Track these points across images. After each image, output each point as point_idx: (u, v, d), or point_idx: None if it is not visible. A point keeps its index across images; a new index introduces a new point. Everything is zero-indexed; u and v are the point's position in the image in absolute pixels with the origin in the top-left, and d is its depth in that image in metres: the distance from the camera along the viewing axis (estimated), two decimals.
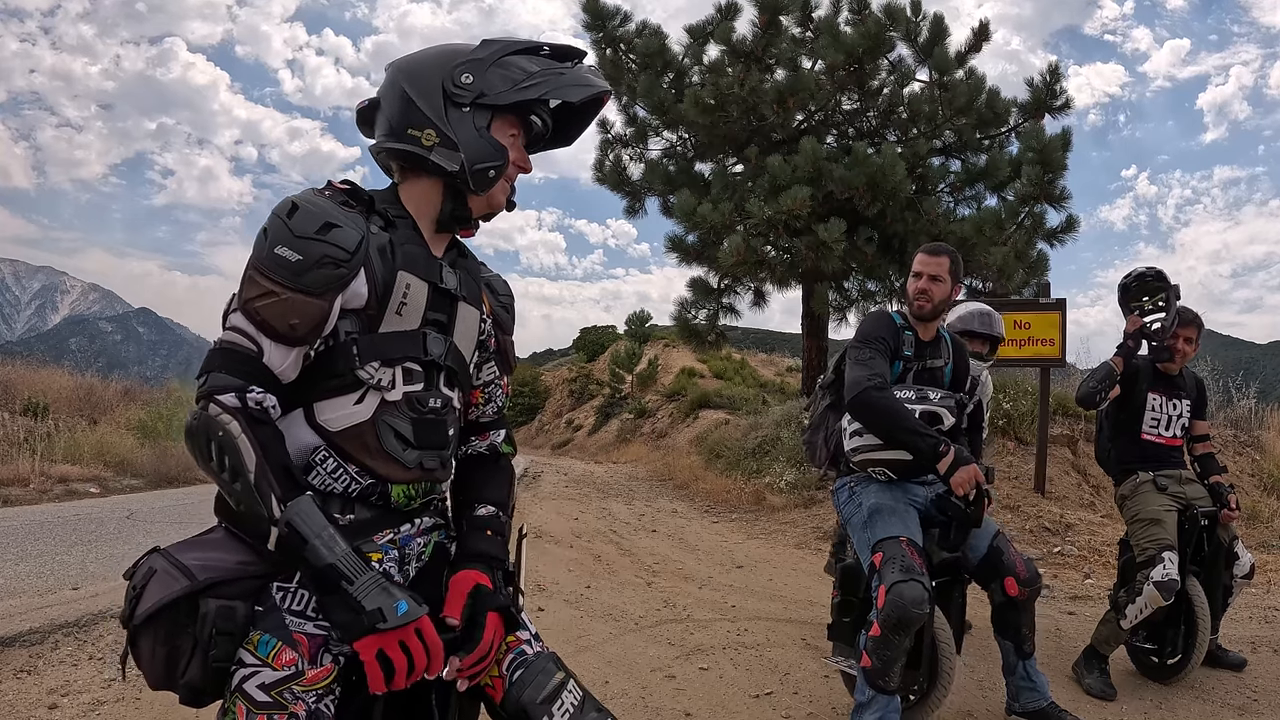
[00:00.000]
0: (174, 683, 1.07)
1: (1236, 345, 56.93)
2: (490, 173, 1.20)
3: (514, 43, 1.23)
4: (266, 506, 1.02)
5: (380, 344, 1.15)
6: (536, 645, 1.27)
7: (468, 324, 1.28)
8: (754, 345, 33.35)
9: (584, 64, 1.26)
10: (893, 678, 2.29)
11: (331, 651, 1.09)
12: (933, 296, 2.58)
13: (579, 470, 12.97)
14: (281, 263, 1.07)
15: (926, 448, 2.32)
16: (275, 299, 1.06)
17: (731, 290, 11.46)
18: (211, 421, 1.04)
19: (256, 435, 1.03)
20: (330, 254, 1.08)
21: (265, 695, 1.04)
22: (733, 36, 10.39)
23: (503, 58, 1.20)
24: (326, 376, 1.13)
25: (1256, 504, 6.47)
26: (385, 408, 1.16)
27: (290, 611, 1.09)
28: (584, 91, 1.22)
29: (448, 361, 1.23)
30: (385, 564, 1.18)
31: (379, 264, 1.14)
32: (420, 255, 1.20)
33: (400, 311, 1.17)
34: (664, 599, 4.46)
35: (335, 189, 1.18)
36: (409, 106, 1.18)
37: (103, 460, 8.69)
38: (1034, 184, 9.29)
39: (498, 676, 1.21)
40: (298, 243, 1.07)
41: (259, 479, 1.02)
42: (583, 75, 1.23)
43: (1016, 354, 6.60)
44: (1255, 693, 3.04)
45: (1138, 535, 3.08)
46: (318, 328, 1.10)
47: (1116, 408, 3.31)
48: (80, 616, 3.57)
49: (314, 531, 1.02)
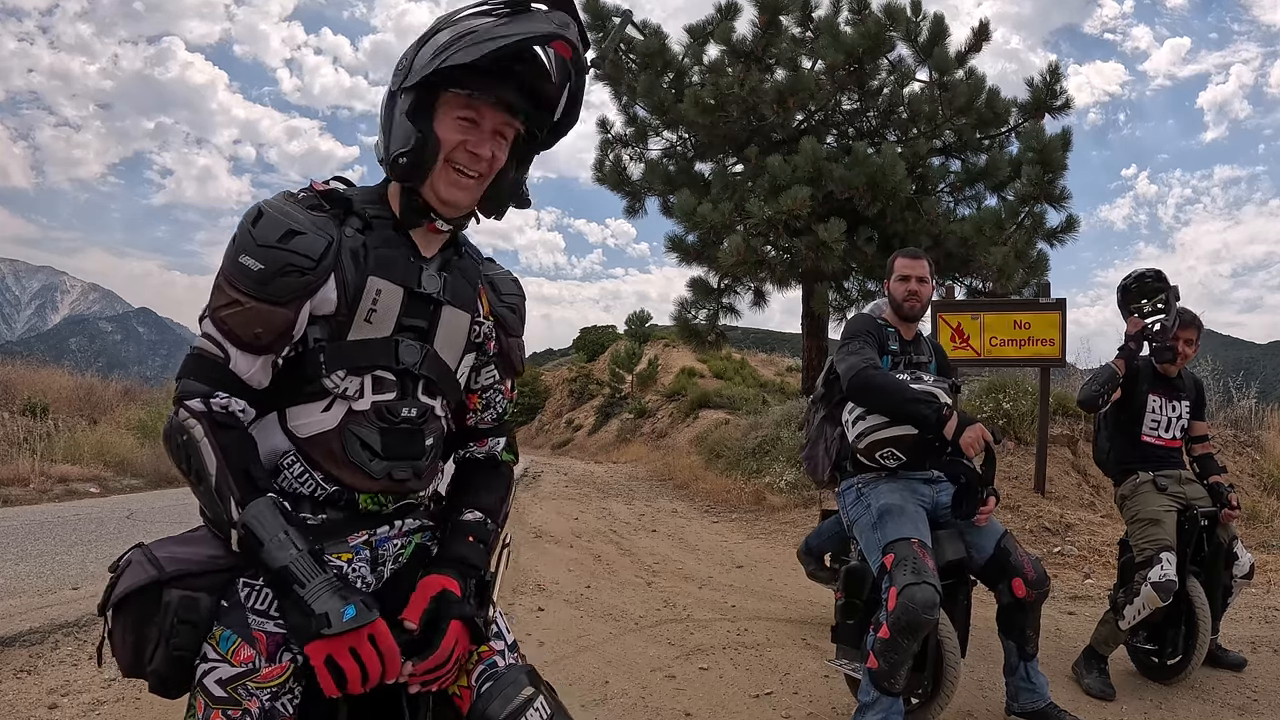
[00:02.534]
0: (142, 670, 1.09)
1: (1236, 345, 56.83)
2: (401, 159, 1.10)
3: (459, 13, 1.08)
4: (226, 509, 1.03)
5: (348, 352, 1.12)
6: (510, 657, 1.23)
7: (452, 329, 1.23)
8: (754, 345, 33.36)
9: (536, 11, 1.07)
10: (899, 680, 2.29)
11: (291, 651, 1.09)
12: (922, 297, 2.75)
13: (579, 470, 12.97)
14: (245, 271, 1.06)
15: (931, 413, 2.38)
16: (240, 308, 1.06)
17: (731, 290, 11.46)
18: (179, 426, 1.06)
19: (218, 439, 1.04)
20: (293, 262, 1.06)
21: (221, 690, 1.05)
22: (733, 36, 10.39)
23: (437, 31, 1.07)
24: (297, 383, 1.13)
25: (1256, 504, 6.46)
26: (352, 417, 1.14)
27: (253, 610, 1.09)
28: (486, 46, 1.02)
29: (424, 370, 1.18)
30: (355, 564, 1.17)
31: (350, 269, 1.11)
32: (397, 258, 1.16)
33: (369, 319, 1.13)
34: (664, 599, 4.46)
35: (313, 190, 1.15)
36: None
37: (103, 460, 8.69)
38: (1034, 184, 9.29)
39: (466, 687, 1.18)
40: (260, 251, 1.06)
41: (219, 482, 1.03)
42: (510, 26, 1.04)
43: (1016, 354, 6.59)
44: (1255, 693, 3.04)
45: (1136, 535, 3.08)
46: (283, 336, 1.09)
47: (1116, 409, 3.31)
48: (80, 616, 3.58)
49: (269, 535, 1.02)
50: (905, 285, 2.73)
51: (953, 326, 6.64)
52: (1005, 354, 6.62)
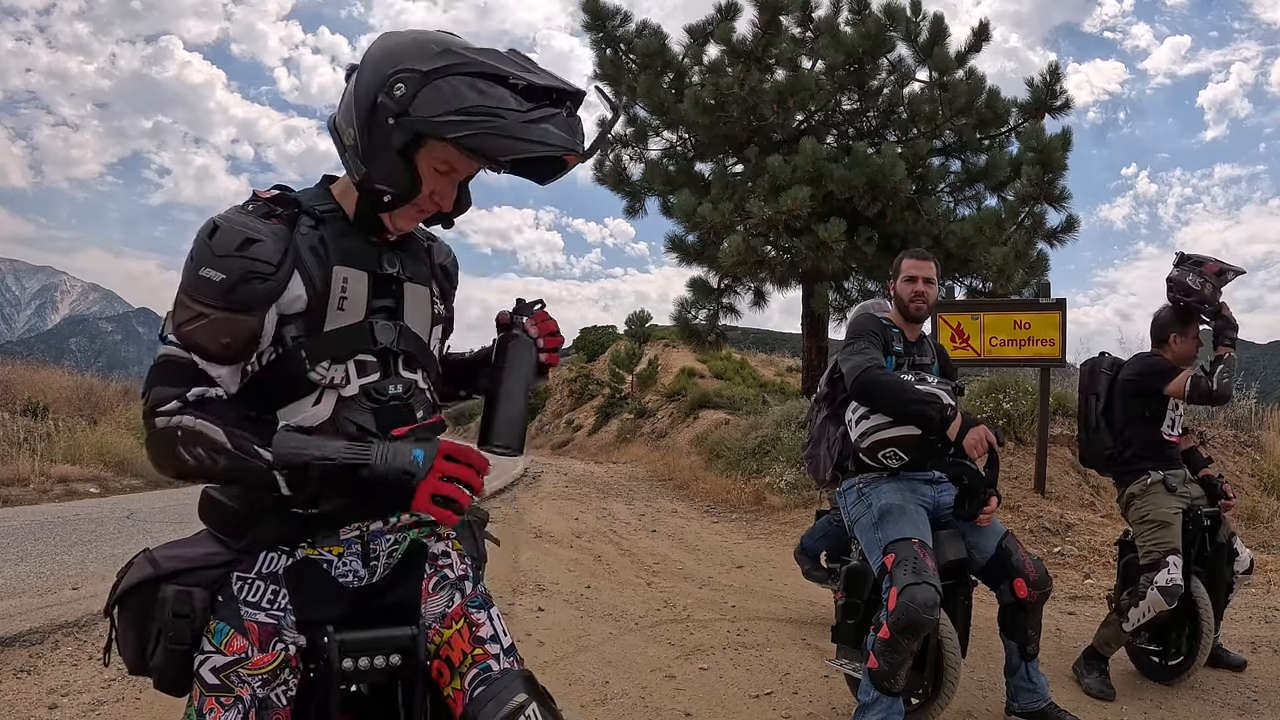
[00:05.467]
0: (145, 666, 1.13)
1: (1237, 345, 56.68)
2: (385, 198, 1.14)
3: (475, 62, 1.04)
4: (258, 457, 1.05)
5: (327, 342, 1.16)
6: (505, 661, 1.22)
7: (418, 303, 1.27)
8: (754, 345, 33.33)
9: (555, 115, 1.04)
10: (899, 680, 2.29)
11: (284, 640, 1.12)
12: (927, 298, 2.73)
13: (579, 470, 12.97)
14: (208, 283, 1.07)
15: (935, 414, 2.38)
16: (205, 320, 1.08)
17: (731, 290, 11.47)
18: (164, 433, 1.06)
19: (209, 412, 1.07)
20: (255, 269, 1.08)
21: (215, 678, 1.09)
22: (733, 36, 10.39)
23: (450, 75, 1.03)
24: (283, 383, 1.15)
25: (1256, 504, 6.46)
26: (343, 404, 1.17)
27: (245, 602, 1.13)
28: (513, 150, 1.02)
29: (401, 346, 1.23)
30: (346, 557, 1.20)
31: (313, 263, 1.14)
32: (356, 246, 1.20)
33: (342, 306, 1.17)
34: (664, 599, 4.46)
35: (259, 199, 1.17)
36: (350, 99, 1.13)
37: (103, 460, 8.69)
38: (1034, 184, 9.30)
39: (459, 690, 1.18)
40: (220, 261, 1.08)
41: (236, 443, 1.05)
42: (532, 129, 1.02)
43: (1016, 354, 6.60)
44: (1255, 693, 3.04)
45: (1144, 537, 3.03)
46: (251, 343, 1.11)
47: (1141, 405, 3.17)
48: (80, 616, 3.57)
49: (308, 450, 1.07)
50: (912, 286, 2.72)
51: (953, 326, 6.64)
52: (1005, 354, 6.62)
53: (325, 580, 1.18)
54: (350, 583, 1.20)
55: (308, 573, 1.17)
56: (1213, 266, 3.05)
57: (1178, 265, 3.15)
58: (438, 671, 1.20)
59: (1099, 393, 3.31)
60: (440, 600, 1.25)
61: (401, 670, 1.17)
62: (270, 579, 1.15)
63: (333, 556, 1.19)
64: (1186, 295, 3.08)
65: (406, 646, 1.17)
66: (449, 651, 1.20)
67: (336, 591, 1.19)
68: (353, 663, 1.13)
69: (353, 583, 1.20)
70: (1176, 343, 3.16)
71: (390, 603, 1.22)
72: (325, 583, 1.18)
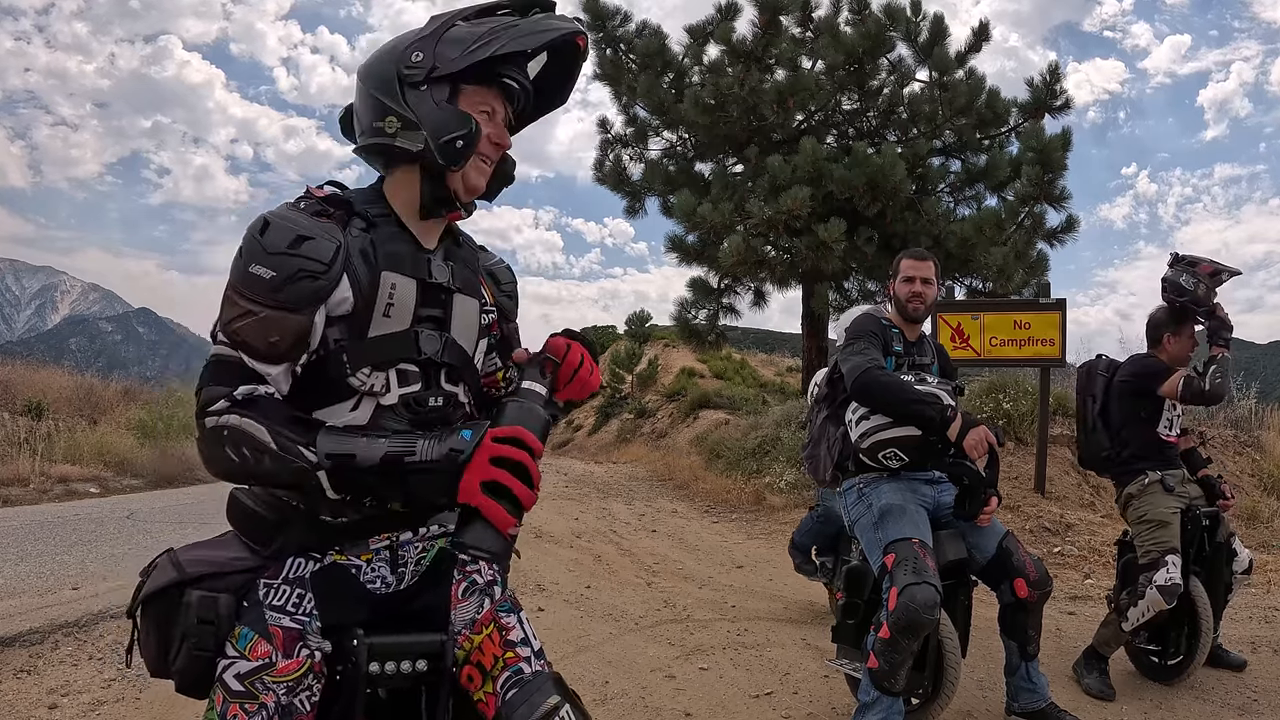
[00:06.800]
0: (167, 669, 1.13)
1: (1236, 345, 57.20)
2: (458, 143, 1.13)
3: (463, 10, 1.17)
4: (301, 457, 1.02)
5: (370, 349, 1.13)
6: (536, 664, 1.22)
7: (466, 316, 1.25)
8: (754, 345, 33.31)
9: (549, 11, 1.19)
10: (899, 680, 2.29)
11: (309, 646, 1.10)
12: (926, 298, 2.73)
13: (579, 470, 12.96)
14: (258, 280, 1.06)
15: (935, 414, 2.39)
16: (254, 318, 1.06)
17: (731, 290, 11.46)
18: (212, 433, 1.05)
19: (257, 410, 1.04)
20: (306, 267, 1.07)
21: (239, 685, 1.07)
22: (733, 36, 10.39)
23: (453, 27, 1.14)
24: (323, 385, 1.13)
25: (1256, 504, 6.46)
26: (381, 412, 1.15)
27: (270, 606, 1.11)
28: (541, 38, 1.14)
29: (446, 358, 1.20)
30: (375, 564, 1.18)
31: (361, 267, 1.12)
32: (405, 252, 1.17)
33: (388, 313, 1.14)
34: (664, 599, 4.46)
35: (312, 197, 1.16)
36: (372, 102, 1.15)
37: (103, 460, 8.70)
38: (1034, 184, 9.30)
39: (491, 694, 1.17)
40: (271, 259, 1.06)
41: (280, 442, 1.02)
42: (540, 21, 1.15)
43: (1016, 354, 6.60)
44: (1255, 693, 3.04)
45: (1143, 537, 3.04)
46: (300, 343, 1.08)
47: (1137, 405, 3.18)
48: (80, 616, 3.58)
49: (351, 447, 1.04)
50: (910, 286, 2.72)
51: (953, 326, 6.64)
52: (1005, 354, 6.62)
53: (353, 585, 1.17)
54: (378, 589, 1.19)
55: (335, 578, 1.16)
56: (1207, 267, 3.06)
57: (1172, 266, 3.15)
58: (468, 677, 1.19)
59: (1096, 394, 3.31)
60: (470, 606, 1.24)
61: (427, 676, 1.16)
62: (296, 583, 1.14)
63: (361, 563, 1.17)
64: (1180, 296, 3.08)
65: (435, 652, 1.15)
66: (480, 656, 1.20)
67: (364, 597, 1.17)
68: (379, 667, 1.12)
69: (380, 589, 1.19)
70: (1171, 343, 3.16)
71: (418, 609, 1.21)
72: (353, 588, 1.17)
